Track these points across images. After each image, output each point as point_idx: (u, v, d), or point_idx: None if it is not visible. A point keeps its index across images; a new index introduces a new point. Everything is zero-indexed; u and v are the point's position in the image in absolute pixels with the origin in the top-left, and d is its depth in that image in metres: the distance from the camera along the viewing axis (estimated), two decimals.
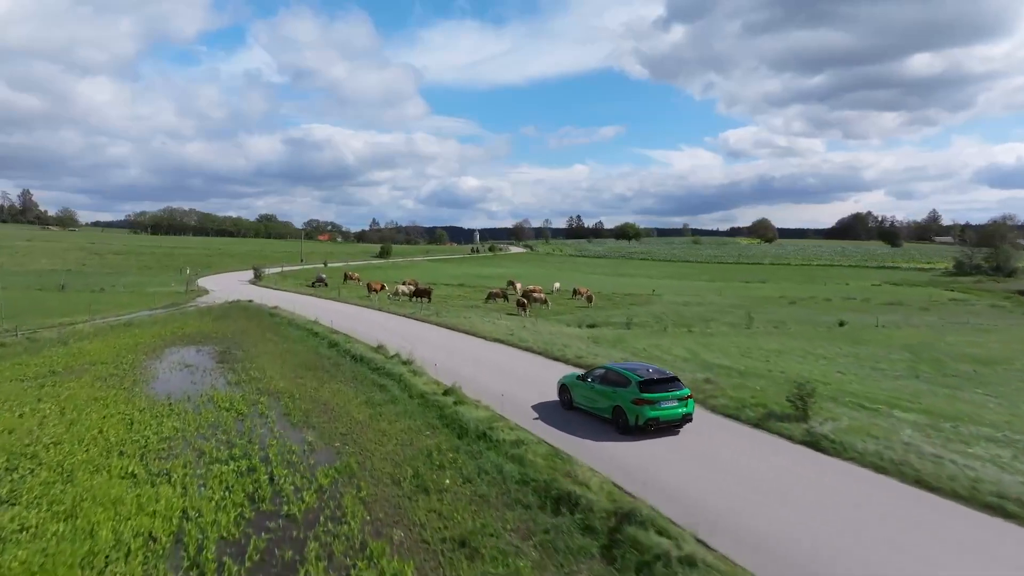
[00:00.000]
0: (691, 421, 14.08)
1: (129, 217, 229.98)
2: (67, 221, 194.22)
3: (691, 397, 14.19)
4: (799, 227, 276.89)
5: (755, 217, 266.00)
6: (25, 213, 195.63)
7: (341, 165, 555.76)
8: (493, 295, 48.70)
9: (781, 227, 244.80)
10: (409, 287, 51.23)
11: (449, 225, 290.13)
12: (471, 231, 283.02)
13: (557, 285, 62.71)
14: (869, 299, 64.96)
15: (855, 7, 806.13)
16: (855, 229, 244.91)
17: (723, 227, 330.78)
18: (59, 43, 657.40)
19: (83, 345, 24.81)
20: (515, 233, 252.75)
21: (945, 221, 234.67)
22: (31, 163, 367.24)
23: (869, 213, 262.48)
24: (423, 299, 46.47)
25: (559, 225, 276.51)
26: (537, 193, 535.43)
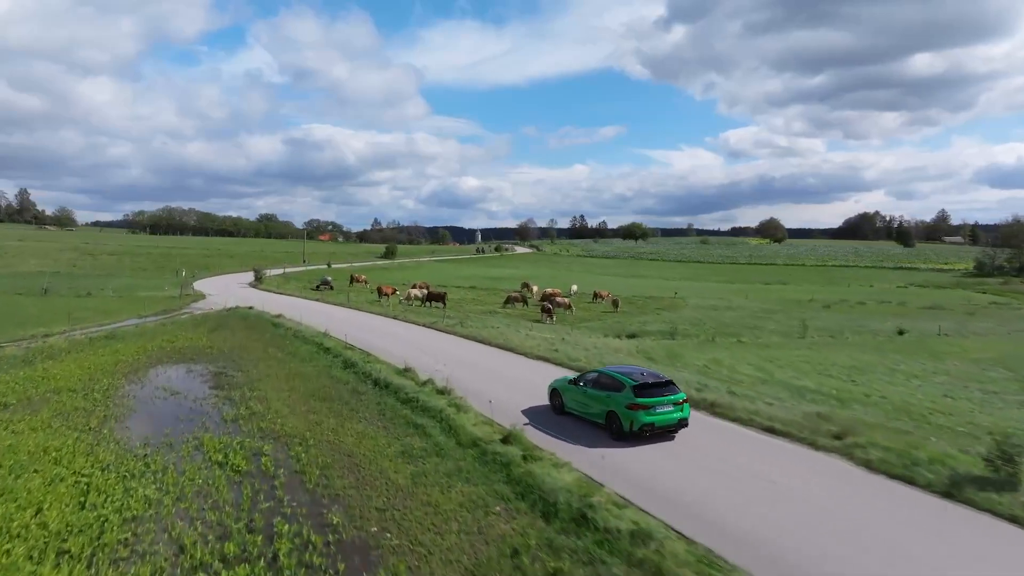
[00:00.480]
0: (687, 427, 13.41)
1: (128, 217, 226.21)
2: (64, 221, 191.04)
3: (687, 402, 13.61)
4: (799, 227, 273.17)
5: (756, 217, 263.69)
6: (22, 213, 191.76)
7: (341, 165, 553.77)
8: (512, 299, 45.00)
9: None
10: (421, 291, 47.55)
11: (450, 225, 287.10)
12: (472, 231, 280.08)
13: (575, 288, 58.77)
14: (905, 302, 61.09)
15: (856, 7, 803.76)
16: (863, 229, 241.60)
17: (724, 227, 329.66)
18: (60, 43, 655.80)
19: (50, 366, 20.70)
20: (520, 233, 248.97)
21: (953, 221, 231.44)
22: (31, 163, 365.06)
23: (876, 213, 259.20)
24: (437, 304, 43.06)
25: (562, 225, 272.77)
26: (537, 193, 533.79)
